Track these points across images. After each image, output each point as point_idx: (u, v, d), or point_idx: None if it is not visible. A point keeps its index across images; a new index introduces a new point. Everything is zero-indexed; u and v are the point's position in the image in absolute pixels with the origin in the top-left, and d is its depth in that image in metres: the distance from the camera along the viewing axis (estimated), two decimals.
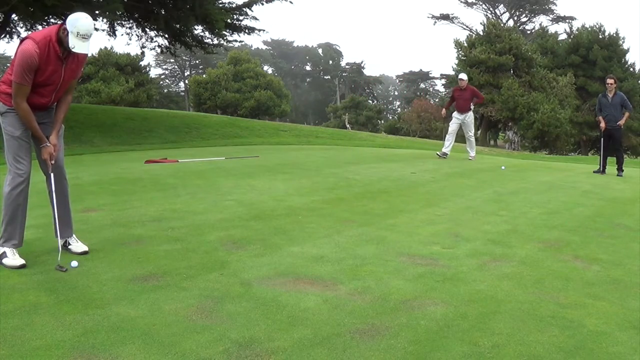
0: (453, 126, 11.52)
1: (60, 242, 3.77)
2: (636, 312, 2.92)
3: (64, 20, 3.46)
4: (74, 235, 3.89)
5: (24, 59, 3.37)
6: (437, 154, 11.64)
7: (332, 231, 4.51)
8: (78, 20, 3.38)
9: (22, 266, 3.45)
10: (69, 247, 3.82)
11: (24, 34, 18.85)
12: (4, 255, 3.53)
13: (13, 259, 3.51)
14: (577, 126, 36.81)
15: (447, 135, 11.80)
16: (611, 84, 9.87)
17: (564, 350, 2.45)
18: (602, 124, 10.07)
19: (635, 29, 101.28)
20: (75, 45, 3.39)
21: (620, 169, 10.07)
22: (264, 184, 6.98)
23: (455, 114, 11.48)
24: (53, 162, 3.71)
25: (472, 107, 11.44)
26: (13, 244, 3.56)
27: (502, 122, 38.05)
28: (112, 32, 19.49)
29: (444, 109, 12.07)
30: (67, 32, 3.39)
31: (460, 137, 12.73)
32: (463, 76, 11.52)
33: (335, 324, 2.65)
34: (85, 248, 3.81)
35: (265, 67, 69.46)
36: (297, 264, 3.58)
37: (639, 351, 2.46)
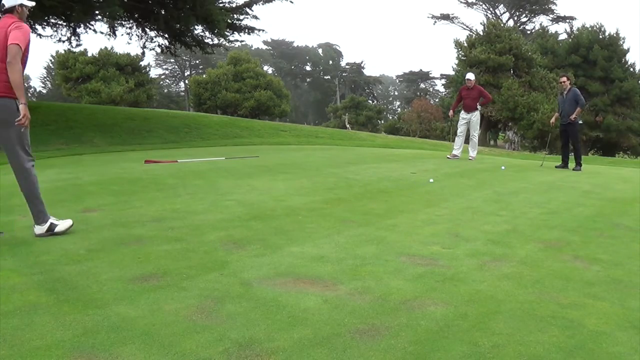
0: (461, 127, 11.53)
1: None
2: (636, 312, 2.92)
3: (6, 9, 4.18)
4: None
5: (28, 33, 4.08)
6: (448, 157, 11.65)
7: (332, 231, 4.50)
8: None
9: (72, 225, 4.27)
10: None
11: None
12: (53, 226, 4.20)
13: (63, 222, 4.25)
14: None
15: (456, 138, 11.81)
16: (564, 82, 10.46)
17: (564, 350, 2.45)
18: (552, 119, 10.71)
19: (635, 29, 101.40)
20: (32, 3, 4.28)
21: (577, 164, 10.44)
22: (264, 184, 6.98)
23: (462, 114, 11.51)
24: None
25: (479, 107, 11.46)
26: (47, 218, 4.20)
27: (502, 122, 38.05)
28: (112, 32, 19.50)
29: (451, 110, 12.08)
30: (25, 5, 4.20)
31: None
32: (470, 76, 11.53)
33: (335, 324, 2.65)
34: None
35: (265, 67, 69.50)
36: (297, 264, 3.57)
37: (639, 351, 2.46)
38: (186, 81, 72.07)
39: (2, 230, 4.36)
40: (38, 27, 18.36)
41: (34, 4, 4.35)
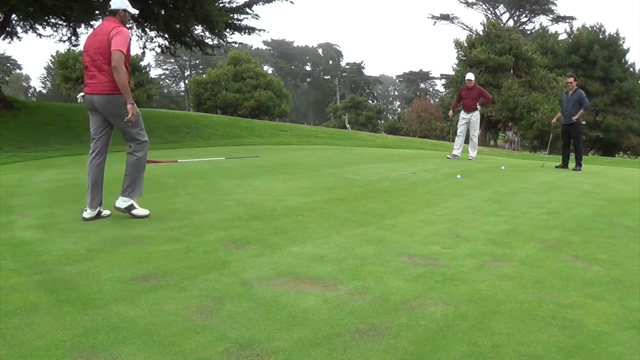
0: (461, 127, 11.53)
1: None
2: (636, 312, 2.92)
3: (111, 10, 4.74)
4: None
5: (128, 37, 4.65)
6: (448, 157, 11.65)
7: (332, 231, 4.50)
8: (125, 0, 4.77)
9: (148, 215, 4.80)
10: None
11: (23, 34, 18.87)
12: (132, 207, 4.79)
13: (142, 209, 4.83)
14: None
15: (456, 138, 11.81)
16: (570, 82, 10.48)
17: (564, 350, 2.45)
18: (554, 120, 11.14)
19: (635, 29, 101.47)
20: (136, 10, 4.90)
21: (578, 164, 10.50)
22: (264, 184, 6.98)
23: (462, 114, 11.50)
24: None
25: (478, 107, 11.45)
26: (138, 194, 4.81)
27: (502, 122, 38.05)
28: None
29: (451, 110, 12.08)
30: (128, 11, 4.77)
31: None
32: (470, 76, 11.52)
33: (335, 324, 2.65)
34: (108, 212, 4.91)
35: (265, 67, 69.50)
36: (297, 264, 3.57)
37: (639, 351, 2.46)
38: (186, 81, 72.08)
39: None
40: (38, 27, 18.36)
41: (137, 11, 4.89)
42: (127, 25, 4.83)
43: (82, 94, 4.81)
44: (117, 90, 4.60)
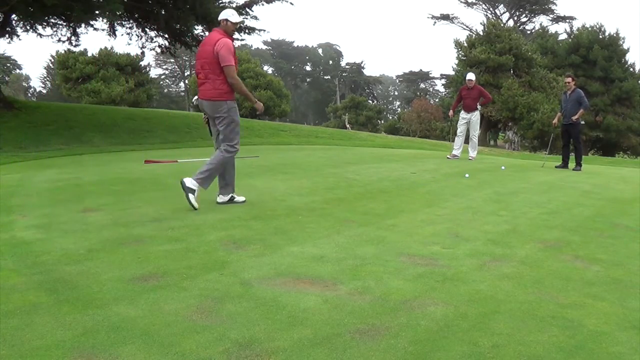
0: (461, 127, 11.53)
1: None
2: (636, 312, 2.92)
3: (218, 20, 5.22)
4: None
5: (231, 47, 5.05)
6: (448, 157, 11.65)
7: (332, 231, 4.50)
8: (228, 11, 5.21)
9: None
10: (235, 200, 5.52)
11: (23, 34, 18.87)
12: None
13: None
14: None
15: (456, 138, 11.81)
16: (568, 82, 10.46)
17: (564, 350, 2.45)
18: (555, 120, 11.04)
19: (635, 29, 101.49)
20: (238, 19, 5.27)
21: (578, 164, 10.51)
22: (264, 184, 6.98)
23: (462, 114, 11.50)
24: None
25: (479, 107, 11.45)
26: (205, 186, 5.21)
27: (502, 122, 38.05)
28: (112, 32, 19.49)
29: (451, 110, 12.07)
30: (229, 21, 5.13)
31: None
32: (471, 76, 11.51)
33: (335, 324, 2.65)
34: (243, 198, 5.56)
35: (265, 67, 69.51)
36: (297, 264, 3.57)
37: (639, 351, 2.46)
38: (186, 81, 72.04)
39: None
40: (38, 27, 18.36)
41: (238, 20, 5.23)
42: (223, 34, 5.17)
43: (196, 97, 5.39)
44: (219, 97, 5.10)
